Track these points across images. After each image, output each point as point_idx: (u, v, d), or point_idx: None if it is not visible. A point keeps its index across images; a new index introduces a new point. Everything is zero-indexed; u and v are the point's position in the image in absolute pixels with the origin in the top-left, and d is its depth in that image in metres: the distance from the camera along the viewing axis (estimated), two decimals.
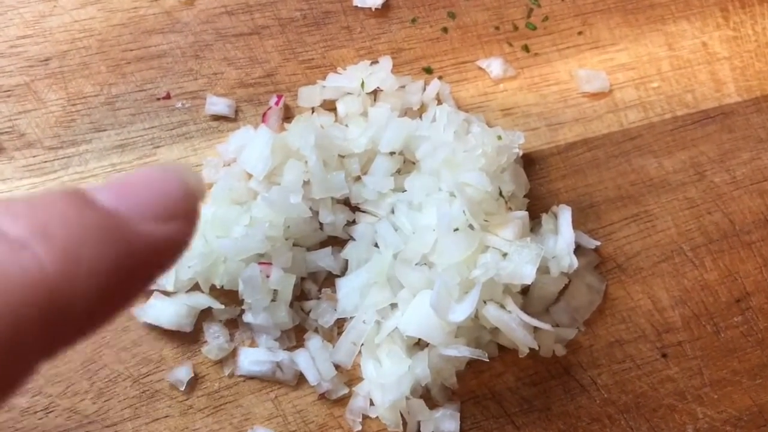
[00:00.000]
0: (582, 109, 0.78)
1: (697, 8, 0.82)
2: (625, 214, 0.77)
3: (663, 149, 0.78)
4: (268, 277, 0.66)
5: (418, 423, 0.68)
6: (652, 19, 0.81)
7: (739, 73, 0.81)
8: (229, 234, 0.66)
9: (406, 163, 0.73)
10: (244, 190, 0.70)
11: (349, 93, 0.73)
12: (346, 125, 0.73)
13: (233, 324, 0.70)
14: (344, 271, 0.71)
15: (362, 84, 0.72)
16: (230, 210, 0.68)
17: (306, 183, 0.68)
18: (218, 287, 0.68)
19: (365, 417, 0.69)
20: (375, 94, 0.74)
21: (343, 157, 0.71)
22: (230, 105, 0.73)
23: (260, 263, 0.66)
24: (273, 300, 0.67)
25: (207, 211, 0.68)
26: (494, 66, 0.77)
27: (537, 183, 0.76)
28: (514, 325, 0.66)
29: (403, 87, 0.74)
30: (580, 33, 0.80)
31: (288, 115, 0.74)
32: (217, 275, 0.66)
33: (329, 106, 0.75)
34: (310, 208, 0.68)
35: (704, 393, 0.74)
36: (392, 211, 0.71)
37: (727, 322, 0.76)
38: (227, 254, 0.66)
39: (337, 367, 0.69)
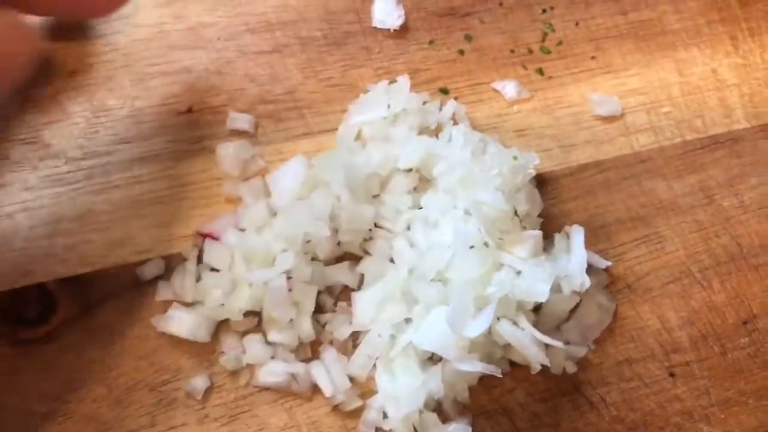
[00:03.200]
0: (594, 131, 0.80)
1: (707, 36, 0.84)
2: (635, 236, 0.78)
3: (673, 173, 0.80)
4: (290, 290, 0.67)
5: None
6: (663, 46, 0.83)
7: (747, 99, 0.83)
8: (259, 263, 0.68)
9: (421, 181, 0.74)
10: (265, 209, 0.71)
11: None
12: (365, 145, 0.74)
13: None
14: (360, 285, 0.72)
15: (388, 107, 0.74)
16: (258, 240, 0.69)
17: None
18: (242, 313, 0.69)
19: (378, 429, 0.70)
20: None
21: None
22: (251, 120, 0.75)
23: None
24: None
25: (237, 240, 0.69)
26: (509, 88, 0.79)
27: (549, 203, 0.77)
28: (526, 341, 0.67)
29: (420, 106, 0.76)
30: (593, 58, 0.82)
31: (307, 132, 0.76)
32: (242, 300, 0.67)
33: None
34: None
35: (711, 413, 0.75)
36: (408, 228, 0.72)
37: (734, 343, 0.77)
38: (252, 278, 0.67)
39: (351, 379, 0.70)
